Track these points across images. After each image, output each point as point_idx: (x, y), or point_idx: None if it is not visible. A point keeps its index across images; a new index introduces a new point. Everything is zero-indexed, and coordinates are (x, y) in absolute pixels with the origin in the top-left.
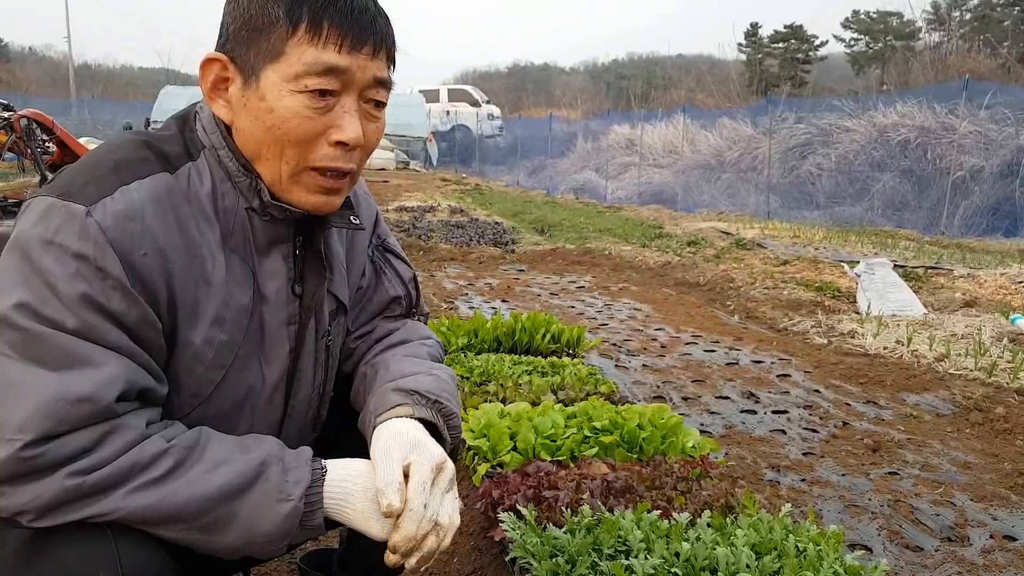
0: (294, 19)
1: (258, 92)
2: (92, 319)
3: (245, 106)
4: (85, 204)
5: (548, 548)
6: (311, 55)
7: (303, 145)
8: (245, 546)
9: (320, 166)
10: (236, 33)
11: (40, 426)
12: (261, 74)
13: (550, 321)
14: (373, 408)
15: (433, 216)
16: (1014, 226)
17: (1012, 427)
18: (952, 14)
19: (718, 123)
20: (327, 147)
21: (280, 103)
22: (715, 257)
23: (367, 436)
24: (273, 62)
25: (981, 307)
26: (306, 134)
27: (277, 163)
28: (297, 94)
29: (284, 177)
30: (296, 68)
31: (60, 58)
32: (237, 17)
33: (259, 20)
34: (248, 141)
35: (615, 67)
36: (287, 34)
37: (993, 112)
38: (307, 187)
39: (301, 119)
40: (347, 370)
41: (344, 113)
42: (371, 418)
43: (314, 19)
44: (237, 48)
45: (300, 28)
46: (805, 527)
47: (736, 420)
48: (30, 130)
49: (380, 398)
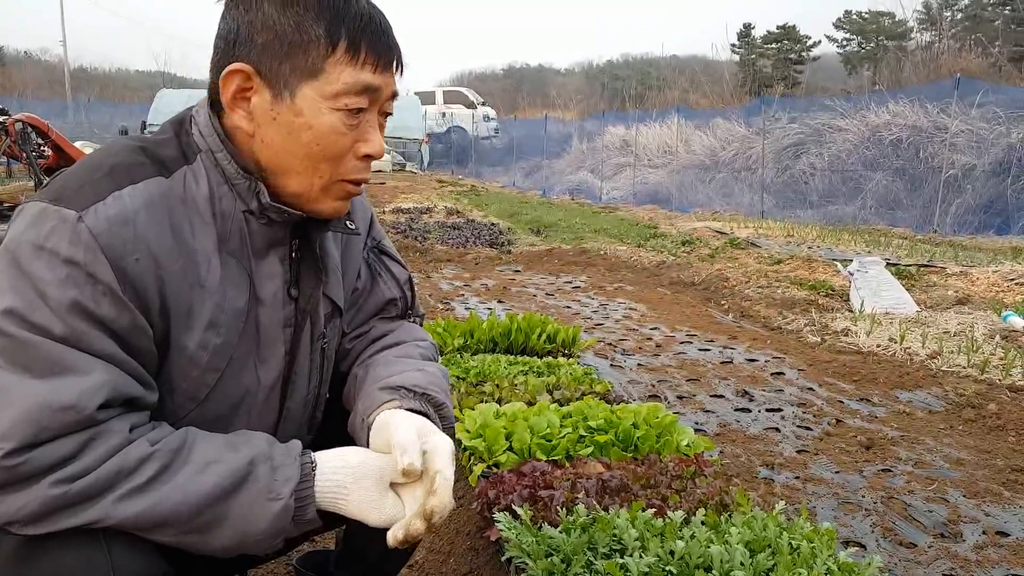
0: (334, 39)
1: (293, 108)
2: (81, 326)
3: (275, 120)
4: (77, 209)
5: (543, 547)
6: (350, 75)
7: (335, 160)
8: (238, 546)
9: (350, 179)
10: (266, 45)
11: (23, 434)
12: (297, 91)
13: (546, 321)
14: (362, 409)
15: (429, 217)
16: (1006, 224)
17: (1004, 423)
18: (943, 14)
19: (712, 123)
20: (355, 160)
21: (318, 120)
22: (709, 256)
23: (358, 438)
24: (311, 79)
25: (973, 304)
26: (340, 149)
27: (310, 177)
28: (336, 112)
29: (316, 189)
30: (336, 87)
31: (56, 61)
32: (264, 29)
33: (295, 36)
34: (279, 154)
35: (610, 68)
36: (326, 53)
37: (984, 111)
38: (335, 196)
39: (338, 135)
40: (343, 370)
41: (370, 128)
42: (361, 419)
43: (352, 40)
44: (265, 60)
45: (339, 48)
46: (799, 524)
47: (730, 418)
48: (25, 134)
49: (368, 398)
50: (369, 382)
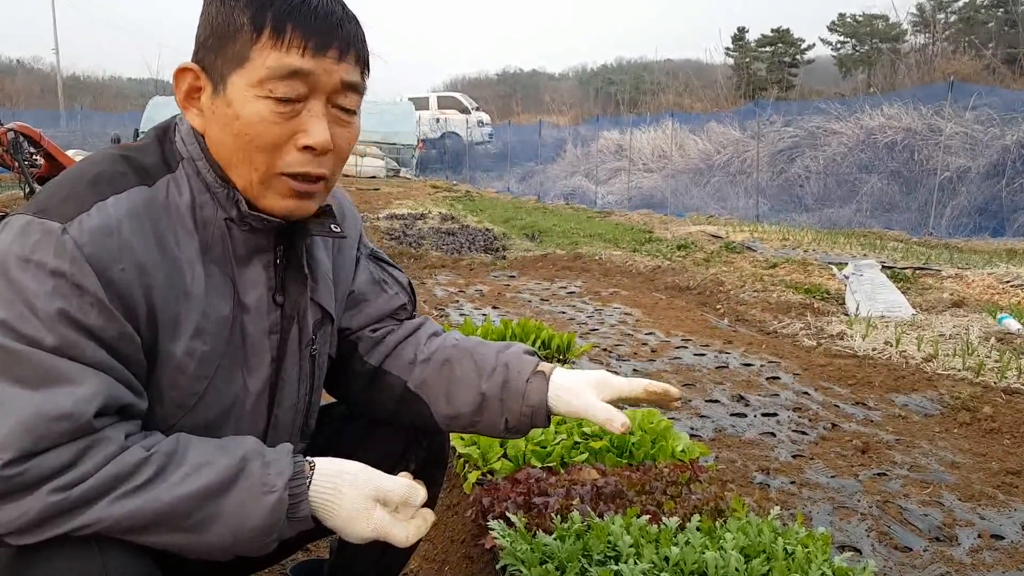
0: (258, 24)
1: (225, 99)
2: (70, 336)
3: (214, 114)
4: (61, 221)
5: (538, 555)
6: (274, 59)
7: (271, 151)
8: (234, 544)
9: (290, 172)
10: (205, 42)
11: (20, 444)
12: (228, 81)
13: (540, 327)
14: (515, 371)
15: (424, 223)
16: (1001, 226)
17: (999, 426)
18: (937, 16)
19: (706, 127)
20: (295, 152)
21: (245, 109)
22: (705, 261)
23: (528, 392)
24: (239, 68)
25: (969, 307)
26: (273, 139)
27: (247, 169)
28: (262, 99)
29: (255, 183)
30: (260, 73)
31: (48, 70)
32: (206, 26)
33: (225, 28)
34: (220, 149)
35: (604, 72)
36: (252, 40)
37: (979, 113)
38: (279, 192)
39: (267, 124)
40: (374, 362)
41: (311, 117)
42: (524, 378)
43: (277, 23)
44: (207, 57)
45: (264, 33)
46: (793, 529)
47: (726, 423)
48: (17, 144)
49: (519, 362)
50: (486, 350)
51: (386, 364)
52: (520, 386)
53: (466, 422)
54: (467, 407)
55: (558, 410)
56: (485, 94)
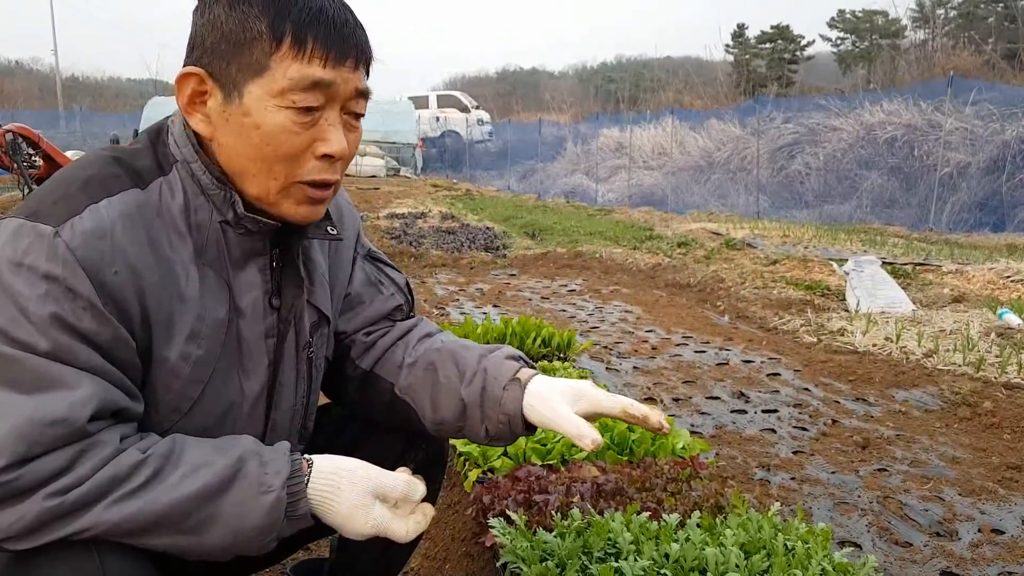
0: (277, 34)
1: (242, 108)
2: (64, 340)
3: (228, 121)
4: (53, 224)
5: (538, 552)
6: (296, 70)
7: (291, 160)
8: (233, 545)
9: (308, 180)
10: (214, 47)
11: (14, 450)
12: (244, 90)
13: (540, 325)
14: (493, 375)
15: (424, 222)
16: (1001, 221)
17: (1000, 421)
18: (937, 12)
19: (706, 124)
20: (313, 160)
21: (266, 119)
22: (705, 258)
23: (504, 400)
24: (256, 77)
25: (969, 302)
26: (293, 149)
27: (265, 179)
28: (284, 109)
29: (273, 192)
30: (282, 83)
31: (47, 71)
32: (213, 30)
33: (239, 34)
34: (233, 157)
35: (603, 70)
36: (271, 49)
37: (978, 109)
38: (296, 200)
39: (288, 134)
40: (365, 366)
41: (329, 126)
42: (501, 384)
43: (298, 34)
44: (215, 62)
45: (284, 43)
46: (794, 525)
47: (726, 420)
48: (16, 145)
49: (498, 366)
50: (469, 354)
51: (376, 368)
52: (497, 393)
53: (452, 428)
54: (450, 413)
55: (532, 420)
56: (485, 92)
